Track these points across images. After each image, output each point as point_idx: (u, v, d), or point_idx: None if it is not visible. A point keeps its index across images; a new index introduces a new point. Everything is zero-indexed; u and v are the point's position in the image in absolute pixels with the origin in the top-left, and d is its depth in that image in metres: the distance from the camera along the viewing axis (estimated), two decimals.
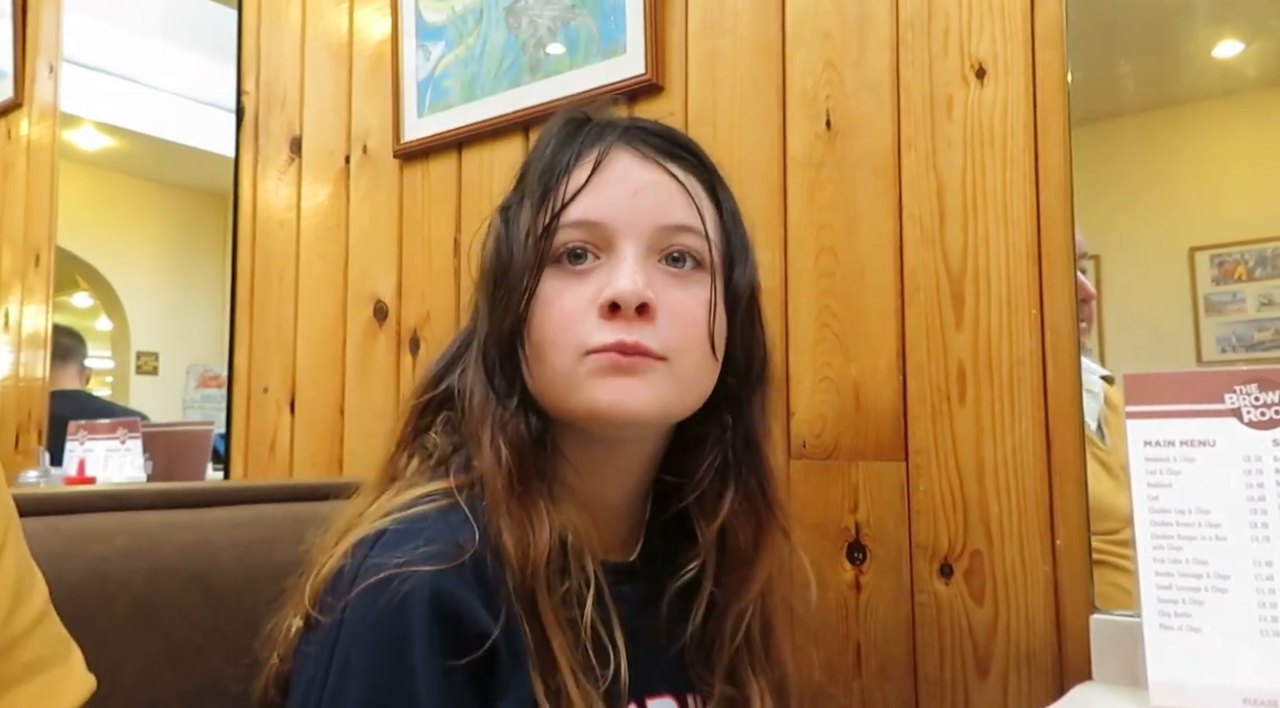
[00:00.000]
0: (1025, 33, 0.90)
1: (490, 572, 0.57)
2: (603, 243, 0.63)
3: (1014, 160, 0.90)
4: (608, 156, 0.64)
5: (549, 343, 0.62)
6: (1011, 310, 0.89)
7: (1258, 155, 0.93)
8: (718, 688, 0.67)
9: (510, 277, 0.64)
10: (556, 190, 0.63)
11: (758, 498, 0.68)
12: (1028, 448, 0.87)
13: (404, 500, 0.60)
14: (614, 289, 0.60)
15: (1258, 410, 0.68)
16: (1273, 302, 0.92)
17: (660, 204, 0.64)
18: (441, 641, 0.53)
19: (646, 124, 0.68)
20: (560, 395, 0.62)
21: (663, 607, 0.67)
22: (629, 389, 0.60)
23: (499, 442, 0.61)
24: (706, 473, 0.67)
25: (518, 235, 0.64)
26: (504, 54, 1.29)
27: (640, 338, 0.60)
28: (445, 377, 0.69)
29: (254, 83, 1.67)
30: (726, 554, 0.68)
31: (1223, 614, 0.67)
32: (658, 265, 0.63)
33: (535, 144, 0.69)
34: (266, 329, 1.61)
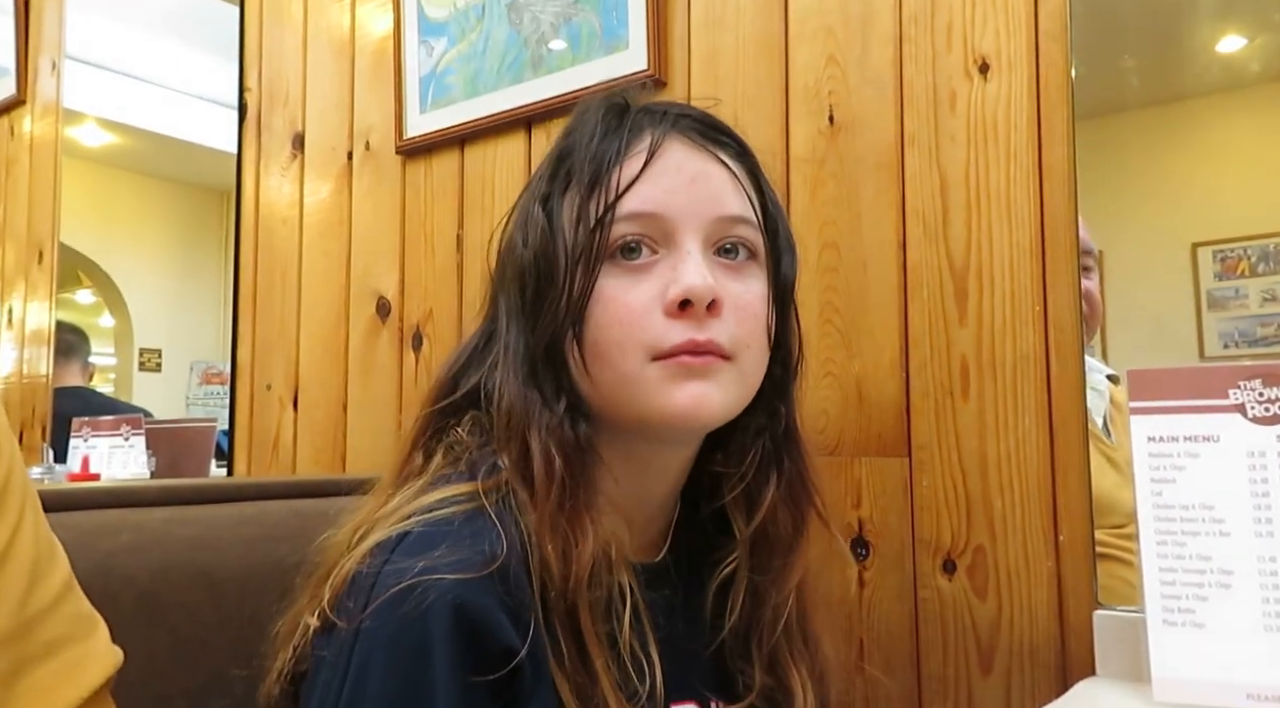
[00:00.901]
0: (1029, 27, 0.90)
1: (518, 584, 0.54)
2: (660, 236, 0.61)
3: (1017, 156, 0.90)
4: (661, 145, 0.61)
5: (612, 344, 0.59)
6: (1015, 306, 0.89)
7: (1261, 150, 0.93)
8: (758, 679, 0.65)
9: (561, 273, 0.60)
10: (608, 180, 0.60)
11: (799, 486, 0.67)
12: (1031, 443, 0.87)
13: (427, 502, 0.58)
14: (684, 285, 0.58)
15: (1262, 406, 0.68)
16: (1275, 297, 0.92)
17: (716, 194, 0.62)
18: (464, 655, 0.51)
19: (692, 111, 0.65)
20: (625, 400, 0.60)
21: (697, 606, 0.66)
22: (704, 393, 0.59)
23: (550, 450, 0.58)
24: (751, 465, 0.66)
25: (564, 228, 0.61)
26: (506, 50, 1.29)
27: (712, 335, 0.59)
28: (463, 379, 0.66)
29: (256, 79, 1.67)
30: (768, 544, 0.66)
31: (1227, 610, 0.67)
32: (714, 257, 0.62)
33: (570, 130, 0.65)
34: (269, 326, 1.61)
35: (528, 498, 0.58)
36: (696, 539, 0.70)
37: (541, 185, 0.64)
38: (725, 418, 0.62)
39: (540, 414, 0.60)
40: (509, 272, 0.65)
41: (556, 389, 0.61)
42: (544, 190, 0.64)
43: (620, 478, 0.62)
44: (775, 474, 0.66)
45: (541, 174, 0.65)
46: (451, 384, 0.67)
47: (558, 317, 0.60)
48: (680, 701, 0.64)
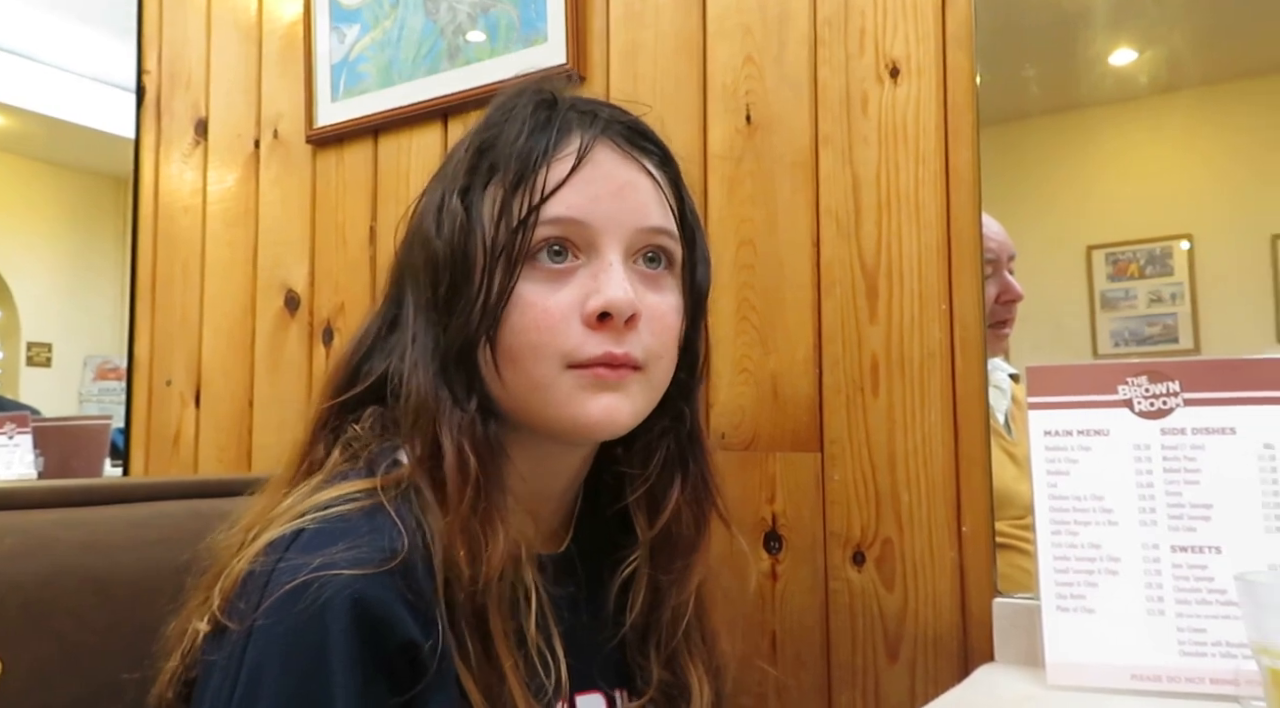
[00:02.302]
0: (937, 34, 0.93)
1: (420, 580, 0.53)
2: (583, 243, 0.60)
3: (926, 159, 0.93)
4: (591, 150, 0.61)
5: (527, 349, 0.59)
6: (923, 305, 0.92)
7: (1149, 159, 0.98)
8: (656, 674, 0.66)
9: (479, 270, 0.59)
10: (534, 180, 0.59)
11: (702, 488, 0.68)
12: (936, 438, 0.90)
13: (323, 499, 0.56)
14: (606, 298, 0.58)
15: (1148, 401, 0.72)
16: (1161, 298, 0.97)
17: (641, 204, 0.62)
18: (362, 651, 0.50)
19: (622, 116, 0.65)
20: (536, 405, 0.60)
21: (601, 598, 0.66)
22: (616, 404, 0.60)
23: (464, 449, 0.57)
24: (656, 466, 0.66)
25: (484, 223, 0.60)
26: (422, 39, 1.27)
27: (629, 349, 0.60)
28: (364, 369, 0.64)
29: (156, 61, 1.60)
30: (671, 544, 0.67)
31: (1114, 596, 0.71)
32: (633, 266, 0.62)
33: (494, 122, 0.63)
34: (170, 319, 1.54)
35: (433, 497, 0.57)
36: (599, 532, 0.70)
37: (460, 176, 0.62)
38: (633, 426, 0.63)
39: (452, 412, 0.58)
40: (419, 260, 0.63)
41: (468, 388, 0.60)
42: (464, 182, 0.62)
43: (525, 475, 0.62)
44: (680, 476, 0.67)
45: (458, 163, 0.63)
46: (352, 374, 0.65)
47: (474, 317, 0.59)
48: (584, 691, 0.64)
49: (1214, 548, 0.69)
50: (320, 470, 0.60)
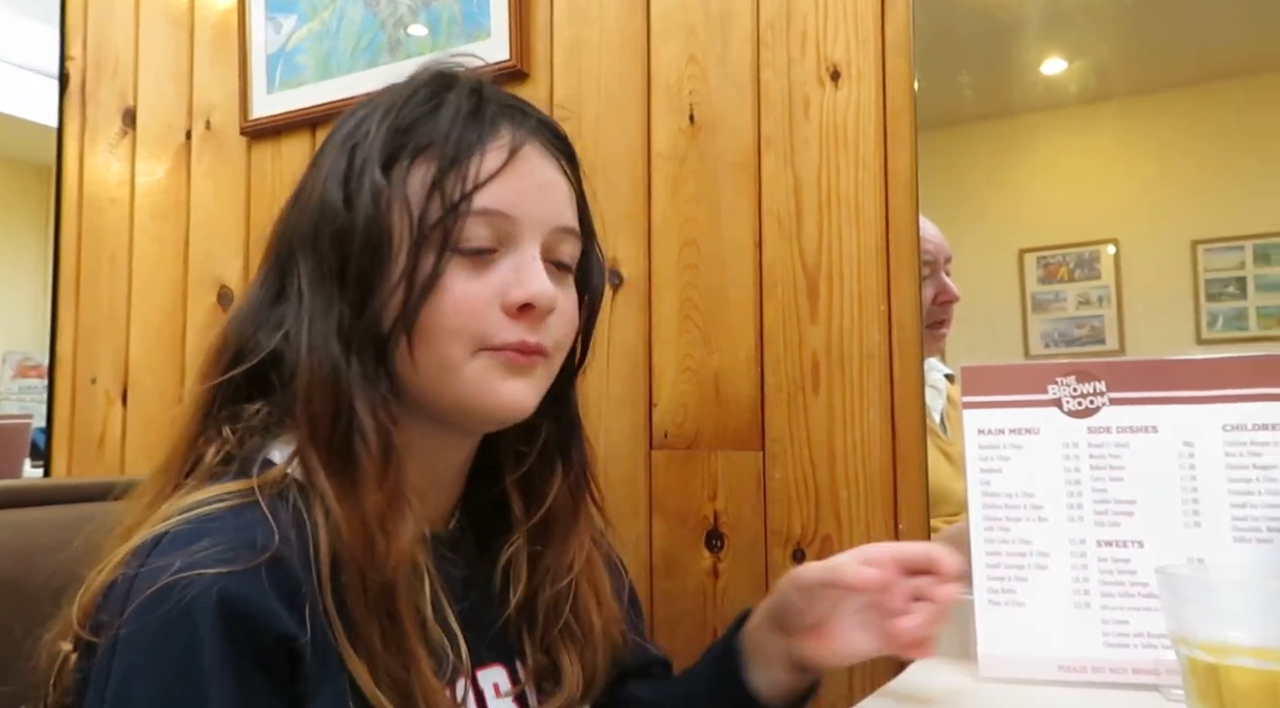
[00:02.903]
0: (876, 39, 0.94)
1: (295, 572, 0.52)
2: (505, 236, 0.61)
3: (865, 162, 0.94)
4: (522, 147, 0.62)
5: (444, 332, 0.59)
6: (862, 306, 0.93)
7: (1078, 166, 1.01)
8: (532, 659, 0.67)
9: (401, 252, 0.58)
10: (467, 167, 0.59)
11: (580, 477, 0.70)
12: (875, 437, 0.91)
13: (189, 502, 0.54)
14: (530, 291, 0.60)
15: (1075, 400, 0.74)
16: (1089, 301, 1.00)
17: (559, 204, 0.64)
18: (234, 649, 0.49)
19: (545, 117, 0.66)
20: (445, 386, 0.60)
21: (491, 576, 0.67)
22: (524, 389, 0.61)
23: (374, 428, 0.56)
24: (537, 449, 0.68)
25: (410, 204, 0.59)
26: (362, 32, 1.24)
27: (541, 339, 0.61)
28: (250, 346, 0.61)
29: (80, 47, 1.54)
30: (549, 529, 0.68)
31: (1043, 590, 0.73)
32: (545, 264, 0.63)
33: (416, 99, 0.62)
34: (95, 315, 1.49)
35: (329, 482, 0.55)
36: (484, 510, 0.70)
37: (375, 150, 0.60)
38: (533, 410, 0.64)
39: (362, 392, 0.57)
40: (321, 231, 0.61)
41: (377, 367, 0.59)
42: (384, 155, 0.60)
43: (417, 459, 0.61)
44: (560, 463, 0.69)
45: (370, 139, 0.61)
46: (236, 352, 0.62)
47: (395, 298, 0.58)
48: (484, 665, 0.64)
49: (1137, 542, 0.71)
50: (195, 473, 0.58)
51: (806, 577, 0.67)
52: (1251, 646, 0.51)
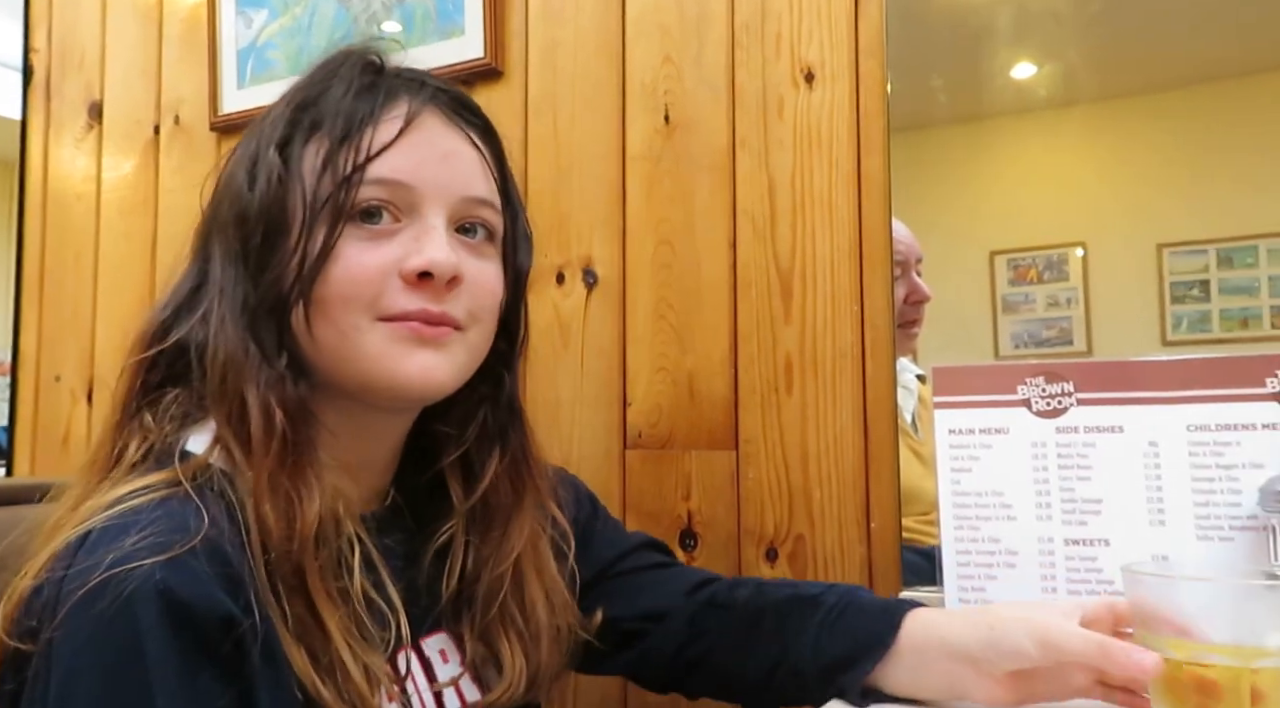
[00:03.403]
0: (850, 41, 0.95)
1: (230, 555, 0.51)
2: (406, 206, 0.61)
3: (839, 164, 0.95)
4: (419, 116, 0.61)
5: (338, 301, 0.58)
6: (835, 307, 0.94)
7: (1048, 169, 1.03)
8: (470, 647, 0.66)
9: (298, 225, 0.58)
10: (359, 138, 0.59)
11: (520, 460, 0.69)
12: (847, 437, 0.92)
13: (111, 498, 0.53)
14: (427, 258, 0.59)
15: (1044, 401, 0.75)
16: (1058, 302, 1.02)
17: (466, 173, 0.63)
18: (180, 640, 0.48)
19: (448, 87, 0.66)
20: (348, 359, 0.59)
21: (424, 559, 0.66)
22: (435, 362, 0.60)
23: (271, 406, 0.56)
24: (473, 431, 0.67)
25: (304, 178, 0.59)
26: (334, 28, 1.23)
27: (448, 308, 0.60)
28: (173, 331, 0.61)
29: (45, 40, 1.51)
30: (488, 514, 0.67)
31: (1011, 588, 0.73)
32: (455, 235, 0.63)
33: (316, 80, 0.63)
34: (60, 311, 1.46)
35: (244, 458, 0.55)
36: (421, 488, 0.69)
37: (277, 130, 0.61)
38: (453, 387, 0.63)
39: (261, 369, 0.57)
40: (229, 214, 0.61)
41: (278, 344, 0.59)
42: (281, 135, 0.61)
43: (343, 439, 0.61)
44: (498, 446, 0.68)
45: (275, 118, 0.62)
46: (157, 336, 0.62)
47: (290, 272, 0.58)
48: (429, 633, 0.64)
49: (1103, 541, 0.72)
50: (118, 467, 0.58)
51: (1067, 647, 0.57)
52: (1214, 642, 0.52)
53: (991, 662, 0.61)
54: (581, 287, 1.06)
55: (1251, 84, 0.96)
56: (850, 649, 0.65)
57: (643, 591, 0.77)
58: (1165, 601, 0.55)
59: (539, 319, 1.08)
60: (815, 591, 0.71)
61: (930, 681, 0.63)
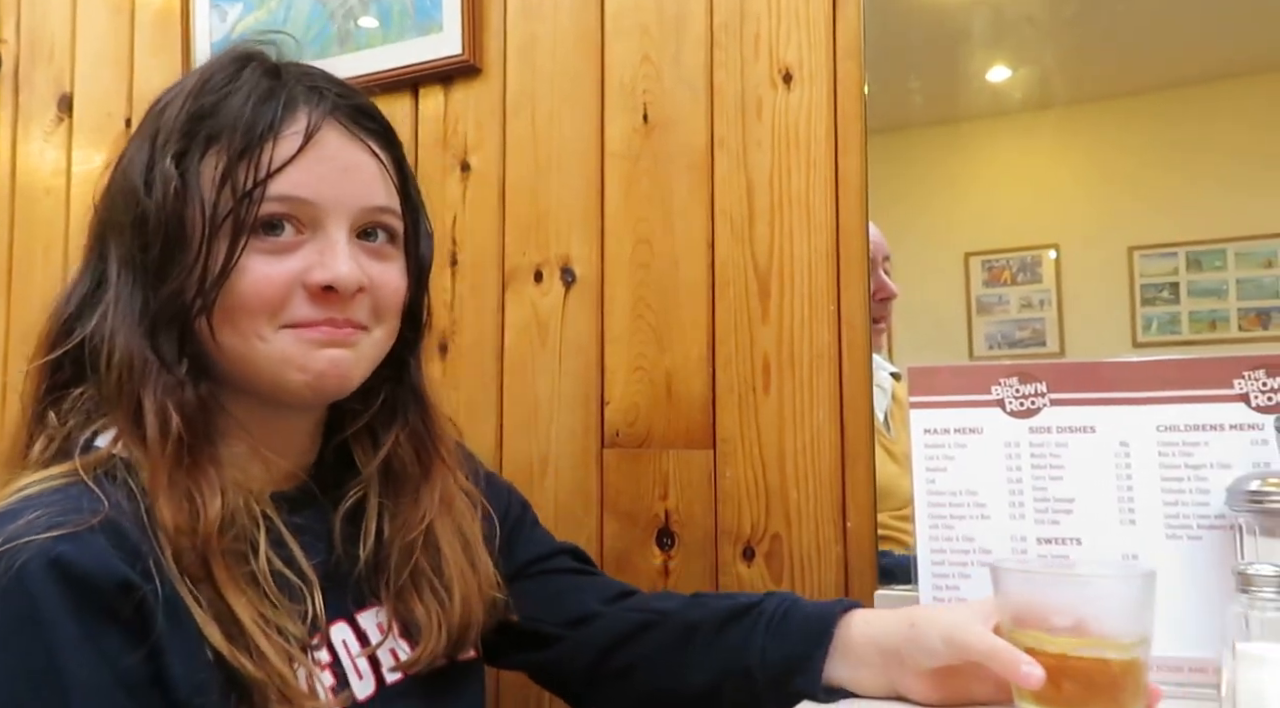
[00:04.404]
0: (828, 43, 0.95)
1: (129, 531, 0.53)
2: (308, 220, 0.62)
3: (817, 164, 0.95)
4: (319, 130, 0.62)
5: (244, 313, 0.60)
6: (812, 307, 0.94)
7: (1022, 172, 1.04)
8: (389, 611, 0.68)
9: (198, 239, 0.60)
10: (258, 155, 0.60)
11: (423, 433, 0.72)
12: (824, 437, 0.93)
13: (10, 489, 0.55)
14: (332, 274, 0.61)
15: (1018, 401, 0.76)
16: (1031, 304, 1.03)
17: (366, 184, 0.64)
18: (76, 604, 0.49)
19: (348, 95, 0.66)
20: (257, 366, 0.61)
21: (340, 534, 0.68)
22: (343, 358, 0.63)
23: (168, 409, 0.58)
24: (376, 405, 0.70)
25: (203, 194, 0.60)
26: (310, 22, 1.22)
27: (354, 316, 0.63)
28: (77, 328, 0.63)
29: (14, 30, 1.49)
30: (394, 481, 0.70)
31: (985, 586, 0.74)
32: (357, 241, 0.64)
33: (212, 88, 0.63)
34: (28, 309, 1.44)
35: (142, 456, 0.57)
36: (335, 469, 0.71)
37: (173, 139, 0.62)
38: (361, 380, 0.66)
39: (159, 375, 0.59)
40: (125, 218, 0.62)
41: (178, 351, 0.61)
42: (178, 146, 0.61)
43: (254, 429, 0.64)
44: (400, 419, 0.71)
45: (170, 127, 0.62)
46: (60, 335, 0.63)
47: (191, 285, 0.60)
48: (365, 607, 0.66)
49: (1075, 540, 0.73)
50: (26, 463, 0.59)
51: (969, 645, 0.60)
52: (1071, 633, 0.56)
53: (914, 659, 0.64)
54: (560, 285, 1.06)
55: (1222, 89, 0.98)
56: (797, 652, 0.68)
57: (561, 594, 0.79)
58: (1025, 594, 0.58)
59: (517, 318, 1.08)
60: (754, 600, 0.74)
61: (868, 678, 0.67)
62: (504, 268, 1.10)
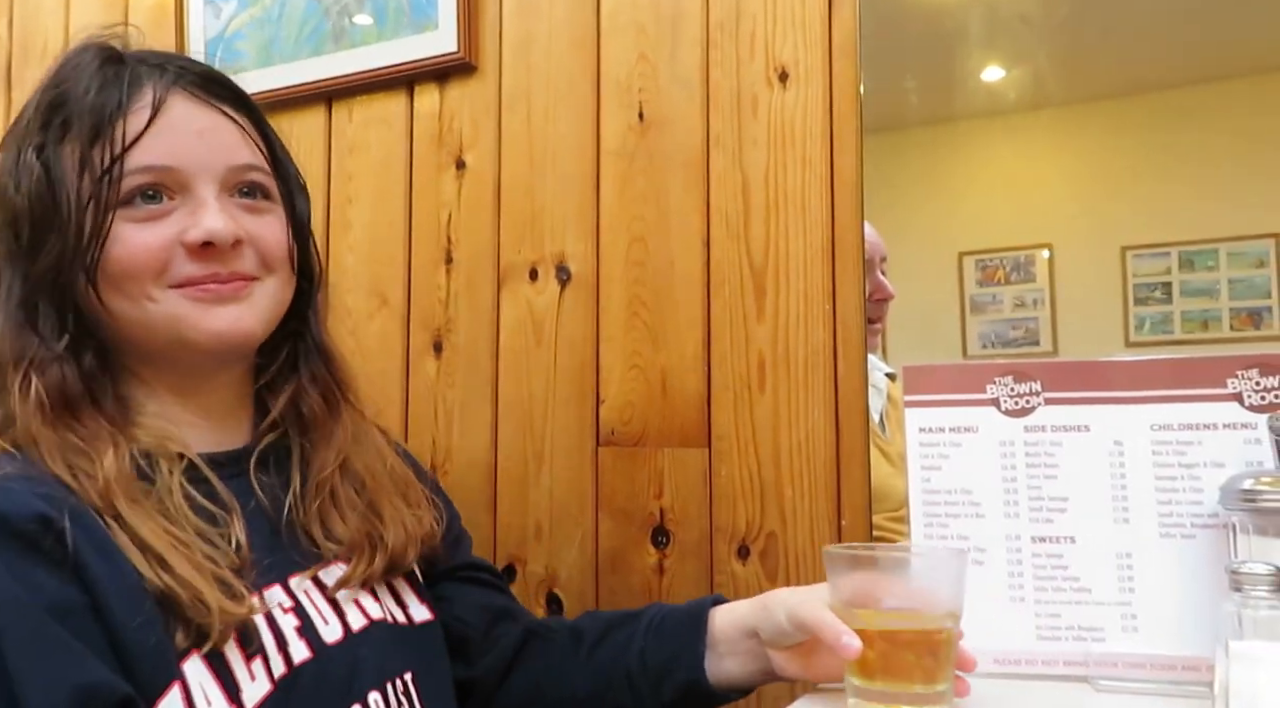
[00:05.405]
0: (824, 42, 0.95)
1: (45, 482, 0.57)
2: (176, 186, 0.65)
3: (812, 163, 0.95)
4: (165, 101, 0.65)
5: (129, 278, 0.63)
6: (808, 305, 0.94)
7: (1016, 172, 1.04)
8: (319, 542, 0.70)
9: (66, 217, 0.63)
10: (111, 133, 0.63)
11: (325, 375, 0.76)
12: (819, 435, 0.93)
13: None
14: (205, 229, 0.63)
15: (1012, 400, 0.76)
16: (1025, 303, 1.03)
17: (226, 145, 0.67)
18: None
19: (191, 64, 0.69)
20: (154, 328, 0.64)
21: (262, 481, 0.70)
22: (240, 313, 0.66)
23: (31, 381, 0.61)
24: (282, 357, 0.74)
25: (67, 177, 0.63)
26: (305, 19, 1.22)
27: (239, 268, 0.66)
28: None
29: (6, 28, 1.48)
30: (304, 423, 0.74)
31: (979, 585, 0.74)
32: (232, 200, 0.67)
33: (61, 80, 0.66)
34: None
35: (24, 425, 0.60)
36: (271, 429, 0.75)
37: (33, 134, 0.65)
38: (265, 331, 0.69)
39: (35, 353, 0.62)
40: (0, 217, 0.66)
41: (58, 328, 0.64)
42: (38, 139, 0.65)
43: (163, 393, 0.67)
44: (306, 366, 0.75)
45: (30, 123, 0.66)
46: None
47: (65, 259, 0.63)
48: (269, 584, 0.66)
49: (1069, 538, 0.74)
50: None
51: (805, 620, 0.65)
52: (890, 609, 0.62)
53: (771, 637, 0.69)
54: (555, 283, 1.06)
55: (1215, 90, 0.98)
56: (675, 648, 0.73)
57: (469, 598, 0.82)
58: (848, 576, 0.64)
59: (512, 316, 1.08)
60: (636, 610, 0.79)
61: (743, 663, 0.72)
62: (499, 266, 1.09)
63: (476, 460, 1.08)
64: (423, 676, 0.72)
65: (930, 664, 0.61)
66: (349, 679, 0.65)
